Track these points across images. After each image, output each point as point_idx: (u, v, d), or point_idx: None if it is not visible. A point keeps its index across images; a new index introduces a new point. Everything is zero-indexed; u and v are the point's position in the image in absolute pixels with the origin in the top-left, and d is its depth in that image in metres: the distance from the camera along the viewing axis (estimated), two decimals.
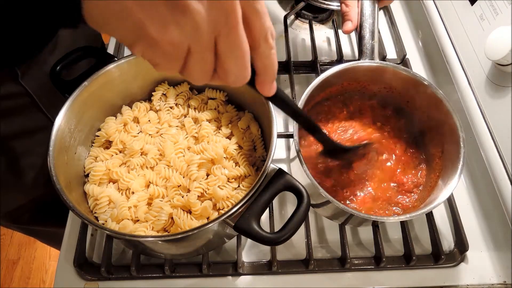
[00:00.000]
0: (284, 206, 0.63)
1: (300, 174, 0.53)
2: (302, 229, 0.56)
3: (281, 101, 0.44)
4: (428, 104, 0.58)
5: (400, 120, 0.63)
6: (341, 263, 0.57)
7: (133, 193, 0.55)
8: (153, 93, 0.64)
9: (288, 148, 0.69)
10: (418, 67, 0.80)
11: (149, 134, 0.61)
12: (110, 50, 0.81)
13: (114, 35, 0.31)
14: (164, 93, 0.64)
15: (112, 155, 0.59)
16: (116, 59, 0.58)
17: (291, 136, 0.67)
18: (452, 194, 0.61)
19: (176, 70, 0.34)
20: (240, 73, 0.34)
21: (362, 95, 0.64)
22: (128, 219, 0.52)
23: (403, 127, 0.63)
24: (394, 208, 0.57)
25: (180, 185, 0.55)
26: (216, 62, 0.33)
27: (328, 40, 0.85)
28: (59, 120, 0.52)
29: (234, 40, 0.32)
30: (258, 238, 0.45)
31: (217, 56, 0.33)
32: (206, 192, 0.54)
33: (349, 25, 0.63)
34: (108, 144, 0.61)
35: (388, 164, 0.60)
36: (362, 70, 0.60)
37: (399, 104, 0.62)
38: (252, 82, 0.38)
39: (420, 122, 0.61)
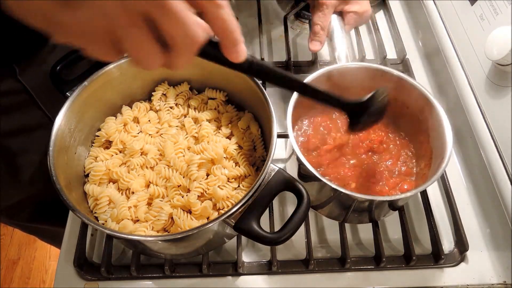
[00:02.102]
0: (284, 206, 0.63)
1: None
2: (302, 229, 0.56)
3: (258, 69, 0.40)
4: (403, 93, 0.59)
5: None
6: (341, 263, 0.57)
7: (133, 193, 0.55)
8: (153, 93, 0.64)
9: None
10: (418, 67, 0.80)
11: (149, 134, 0.61)
12: None
13: (35, 25, 0.31)
14: (164, 93, 0.64)
15: (112, 155, 0.59)
16: None
17: None
18: (452, 194, 0.61)
19: (109, 51, 0.32)
20: (189, 36, 0.31)
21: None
22: (128, 219, 0.52)
23: (389, 122, 0.63)
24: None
25: (180, 185, 0.55)
26: (161, 38, 0.31)
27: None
28: (59, 120, 0.52)
29: (164, 5, 0.30)
30: (258, 238, 0.45)
31: (158, 29, 0.31)
32: (206, 192, 0.54)
33: (318, 46, 0.65)
34: (108, 144, 0.61)
35: (377, 156, 0.60)
36: (339, 75, 0.60)
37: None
38: (215, 54, 0.36)
39: (401, 114, 0.61)
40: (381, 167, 0.59)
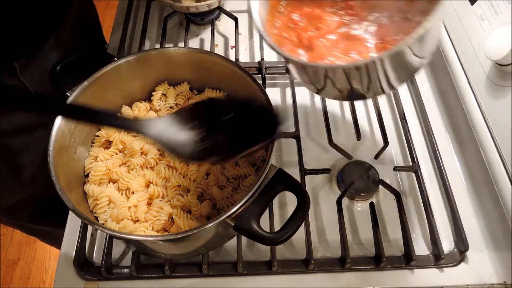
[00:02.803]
0: (284, 206, 0.63)
1: None
2: (302, 229, 0.56)
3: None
4: None
5: None
6: (341, 263, 0.57)
7: (133, 193, 0.55)
8: (153, 93, 0.64)
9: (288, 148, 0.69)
10: None
11: None
12: (110, 50, 0.81)
13: None
14: (164, 93, 0.64)
15: (112, 155, 0.59)
16: (116, 59, 0.58)
17: (291, 136, 0.67)
18: (452, 194, 0.61)
19: None
20: None
21: None
22: (128, 219, 0.52)
23: None
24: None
25: (180, 185, 0.55)
26: None
27: None
28: (59, 119, 0.52)
29: None
30: (258, 238, 0.45)
31: None
32: (206, 192, 0.54)
33: None
34: (108, 144, 0.61)
35: None
36: None
37: None
38: None
39: None
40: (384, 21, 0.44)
